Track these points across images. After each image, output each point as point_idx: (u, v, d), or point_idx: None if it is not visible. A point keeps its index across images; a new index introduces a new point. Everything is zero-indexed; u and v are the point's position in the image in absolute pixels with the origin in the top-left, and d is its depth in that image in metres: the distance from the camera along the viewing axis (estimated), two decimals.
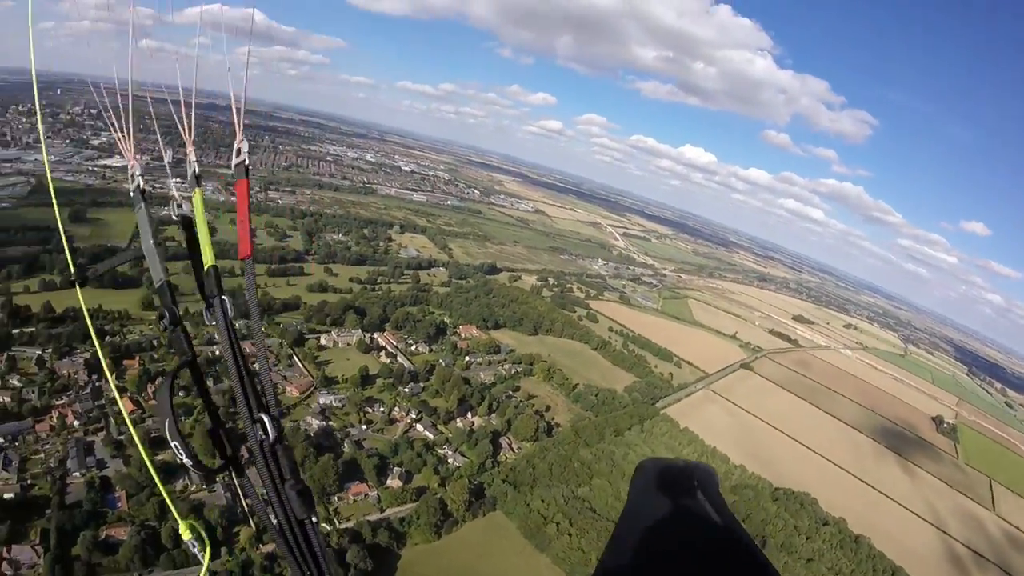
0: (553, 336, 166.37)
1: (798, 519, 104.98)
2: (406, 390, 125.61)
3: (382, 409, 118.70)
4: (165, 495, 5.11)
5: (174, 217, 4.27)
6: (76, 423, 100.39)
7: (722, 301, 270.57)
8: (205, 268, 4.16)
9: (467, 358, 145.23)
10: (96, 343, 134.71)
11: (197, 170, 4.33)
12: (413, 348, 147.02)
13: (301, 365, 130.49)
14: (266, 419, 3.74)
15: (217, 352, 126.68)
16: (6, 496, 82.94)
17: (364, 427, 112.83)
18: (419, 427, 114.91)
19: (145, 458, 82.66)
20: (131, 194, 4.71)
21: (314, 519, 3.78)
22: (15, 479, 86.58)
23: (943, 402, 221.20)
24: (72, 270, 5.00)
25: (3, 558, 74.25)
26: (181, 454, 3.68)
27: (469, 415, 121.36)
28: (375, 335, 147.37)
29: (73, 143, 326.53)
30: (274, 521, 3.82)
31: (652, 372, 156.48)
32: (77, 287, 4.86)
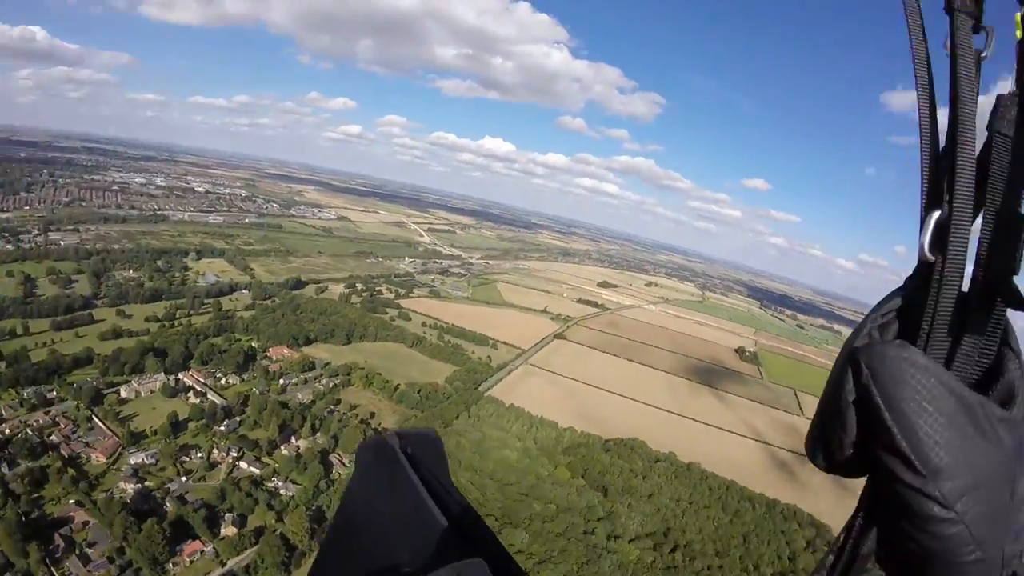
0: (367, 342, 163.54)
1: (632, 462, 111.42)
2: (222, 428, 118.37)
3: (200, 454, 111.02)
4: None
5: None
6: None
7: (530, 280, 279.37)
8: None
9: (282, 380, 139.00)
10: None
11: None
12: (223, 381, 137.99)
13: (103, 426, 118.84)
14: None
15: (8, 431, 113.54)
16: None
17: (184, 479, 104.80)
18: (243, 464, 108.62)
19: None
20: None
21: None
22: None
23: (743, 335, 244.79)
24: None
25: None
26: None
27: (293, 439, 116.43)
28: (180, 375, 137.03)
29: None
30: None
31: (470, 359, 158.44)
32: None
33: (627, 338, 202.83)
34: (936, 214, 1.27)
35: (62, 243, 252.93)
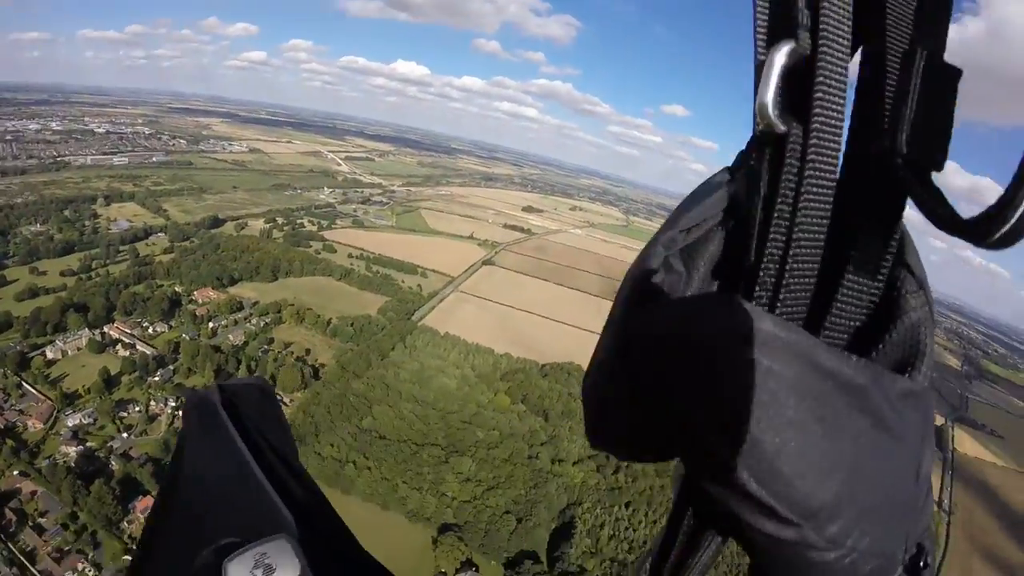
0: (294, 277, 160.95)
1: (569, 386, 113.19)
2: (156, 379, 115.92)
3: (138, 408, 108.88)
4: None
5: None
6: None
7: (454, 206, 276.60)
8: None
9: (211, 324, 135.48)
10: None
11: None
12: (150, 330, 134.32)
13: (34, 390, 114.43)
14: None
15: None
16: None
17: (125, 435, 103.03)
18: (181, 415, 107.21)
19: None
20: None
21: None
22: None
23: None
24: None
25: None
26: None
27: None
28: (105, 329, 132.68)
29: None
30: None
31: (401, 288, 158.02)
32: None
33: (555, 263, 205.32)
34: (784, 50, 0.77)
35: None
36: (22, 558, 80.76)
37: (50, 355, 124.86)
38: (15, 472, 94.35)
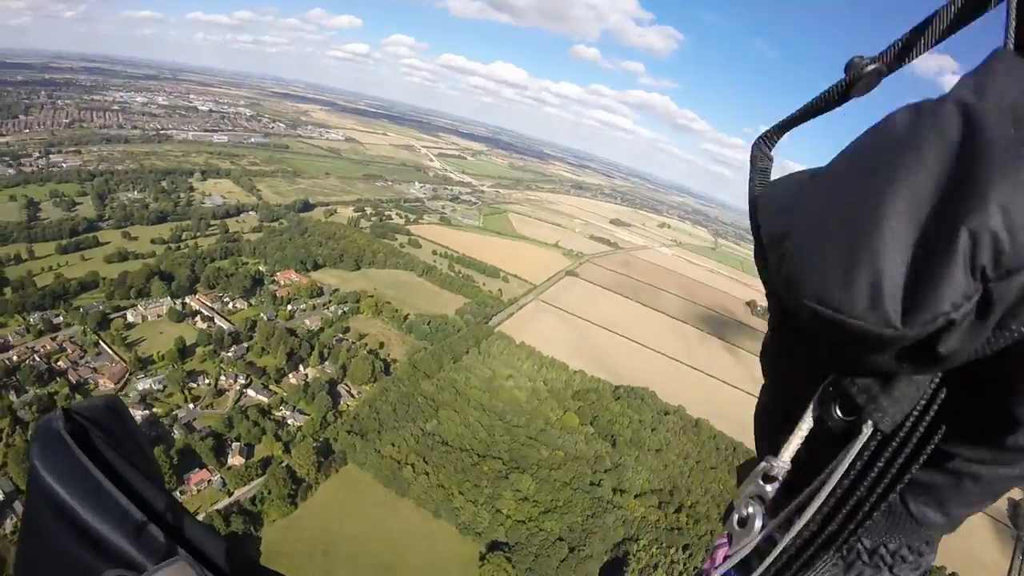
0: (376, 268, 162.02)
1: (641, 413, 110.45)
2: (230, 354, 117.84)
3: (207, 381, 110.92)
4: None
5: None
6: None
7: (541, 212, 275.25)
8: None
9: (289, 307, 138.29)
10: None
11: None
12: (230, 306, 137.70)
13: (110, 350, 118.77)
14: None
15: (15, 358, 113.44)
16: None
17: (192, 406, 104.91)
18: (250, 392, 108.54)
19: None
20: None
21: None
22: None
23: (755, 288, 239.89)
24: None
25: None
26: None
27: (301, 368, 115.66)
28: (187, 299, 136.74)
29: None
30: None
31: (481, 291, 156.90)
32: None
33: (639, 280, 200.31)
34: None
35: (64, 165, 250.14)
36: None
37: (130, 318, 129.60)
38: None
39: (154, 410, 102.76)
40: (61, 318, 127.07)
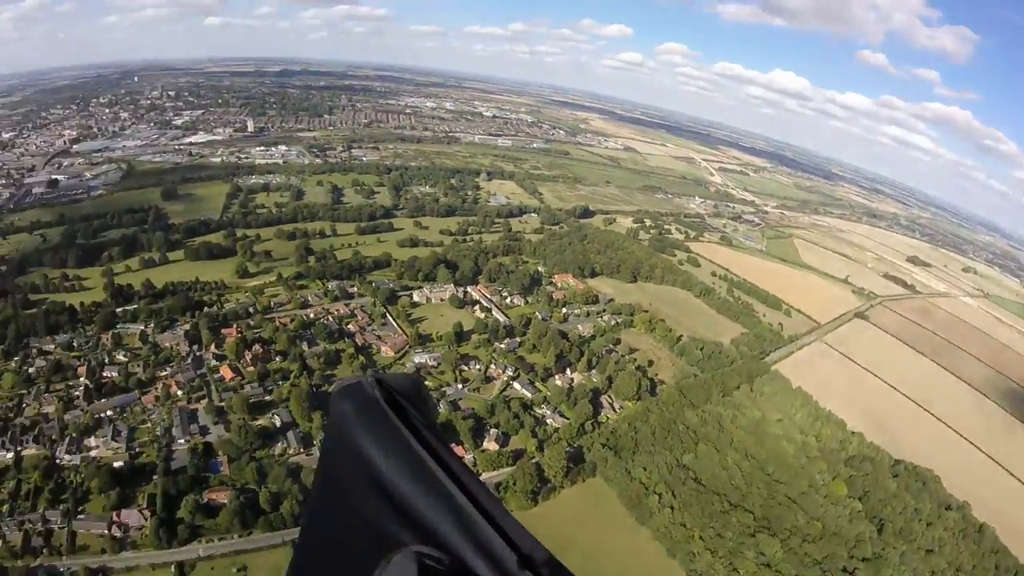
0: (653, 283, 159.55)
1: (919, 501, 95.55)
2: (502, 346, 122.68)
3: (478, 367, 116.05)
4: None
5: None
6: (180, 392, 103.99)
7: (830, 240, 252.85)
8: None
9: (564, 310, 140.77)
10: None
11: None
12: (508, 301, 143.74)
13: (395, 323, 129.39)
14: None
15: (312, 315, 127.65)
16: (116, 464, 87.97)
17: (460, 386, 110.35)
18: (516, 385, 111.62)
19: None
20: None
21: None
22: (124, 448, 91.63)
23: None
24: None
25: (113, 521, 78.85)
26: None
27: (568, 371, 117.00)
28: (468, 289, 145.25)
29: (157, 126, 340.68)
30: None
31: (760, 322, 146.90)
32: None
33: (937, 334, 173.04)
34: None
35: (364, 159, 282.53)
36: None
37: (416, 298, 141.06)
38: None
39: (426, 383, 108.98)
40: (355, 289, 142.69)
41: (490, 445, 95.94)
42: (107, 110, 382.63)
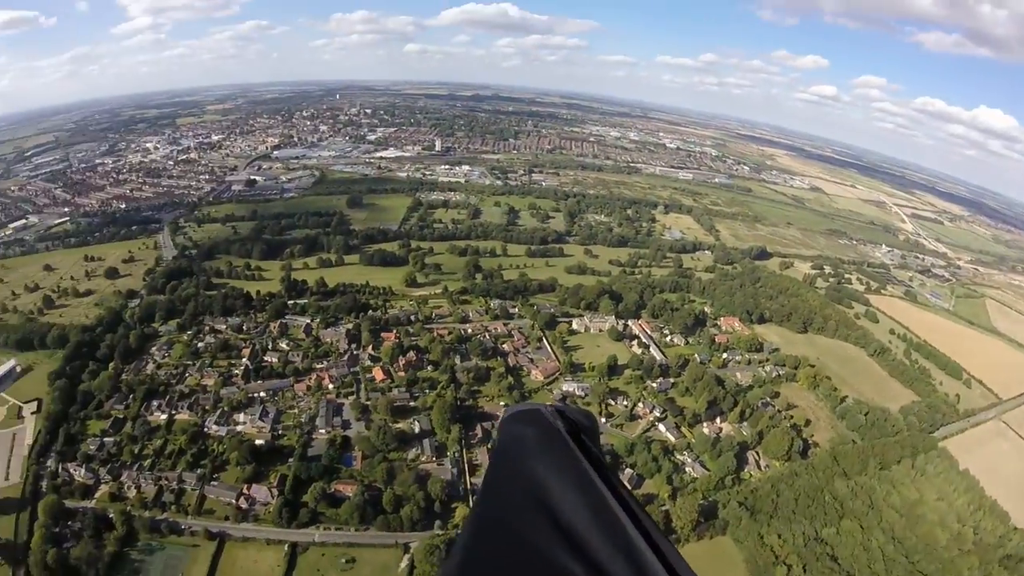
0: (824, 336, 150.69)
1: None
2: (654, 385, 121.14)
3: (625, 403, 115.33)
4: None
5: None
6: (331, 386, 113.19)
7: None
8: None
9: (724, 354, 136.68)
10: None
11: None
12: (668, 339, 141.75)
13: (549, 348, 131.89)
14: None
15: (469, 330, 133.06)
16: (258, 442, 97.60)
17: (604, 420, 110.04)
18: (661, 427, 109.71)
19: None
20: None
21: None
22: (268, 428, 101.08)
23: None
24: None
25: (243, 493, 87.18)
26: None
27: (718, 420, 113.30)
28: (629, 322, 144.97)
29: (352, 140, 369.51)
30: None
31: (935, 391, 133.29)
32: None
33: None
34: None
35: (543, 184, 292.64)
36: (465, 467, 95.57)
37: (575, 326, 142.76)
38: (501, 403, 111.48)
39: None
40: (516, 310, 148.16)
41: None
42: (308, 122, 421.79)
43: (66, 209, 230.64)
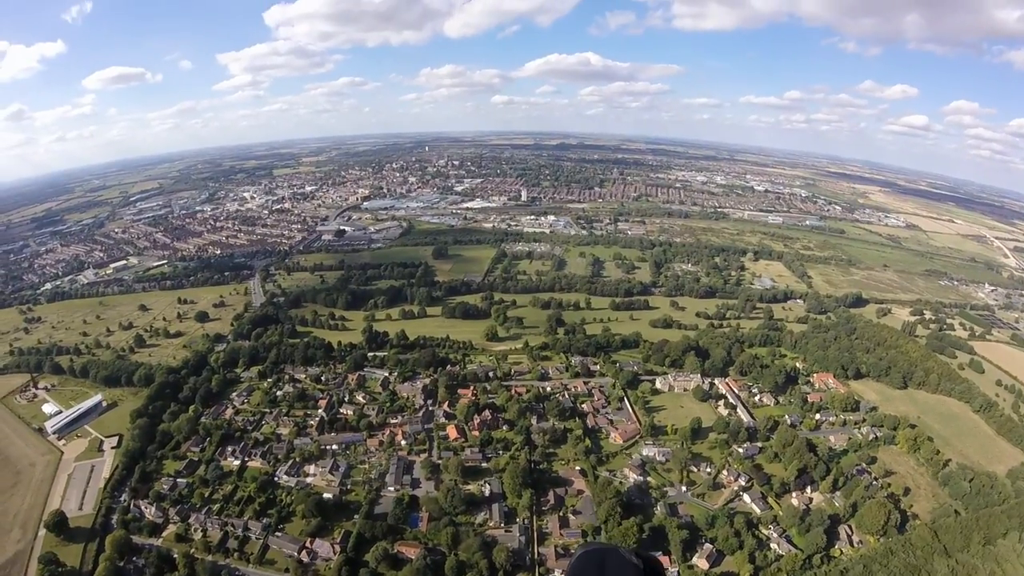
0: (926, 391, 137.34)
1: None
2: (740, 450, 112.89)
3: (709, 470, 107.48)
4: None
5: None
6: (403, 442, 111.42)
7: None
8: None
9: (818, 415, 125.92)
10: None
11: None
12: (756, 398, 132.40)
13: (630, 409, 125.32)
14: None
15: (548, 388, 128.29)
16: (326, 495, 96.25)
17: (684, 488, 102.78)
18: (746, 497, 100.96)
19: None
20: None
21: None
22: (338, 482, 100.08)
23: None
24: None
25: (306, 547, 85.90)
26: None
27: (808, 490, 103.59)
28: (715, 380, 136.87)
29: (439, 191, 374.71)
30: None
31: None
32: None
33: None
34: None
35: (629, 233, 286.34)
36: (534, 534, 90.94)
37: (658, 384, 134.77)
38: (577, 467, 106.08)
39: (648, 479, 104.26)
40: (598, 367, 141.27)
41: (700, 562, 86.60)
42: (397, 174, 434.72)
43: (165, 252, 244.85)
